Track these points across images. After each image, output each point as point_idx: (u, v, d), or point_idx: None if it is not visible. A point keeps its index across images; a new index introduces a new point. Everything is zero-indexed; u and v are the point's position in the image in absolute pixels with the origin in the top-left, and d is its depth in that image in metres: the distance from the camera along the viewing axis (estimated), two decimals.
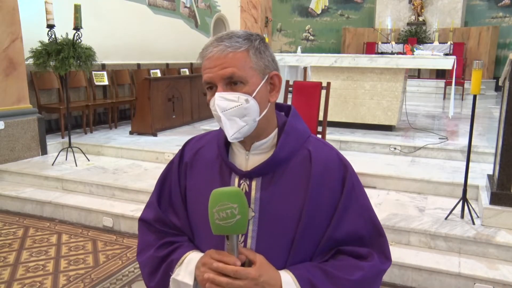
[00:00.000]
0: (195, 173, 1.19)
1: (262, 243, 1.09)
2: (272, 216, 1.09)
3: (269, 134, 1.12)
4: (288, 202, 1.08)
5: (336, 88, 5.96)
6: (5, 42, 4.92)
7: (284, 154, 1.10)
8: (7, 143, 4.99)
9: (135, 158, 5.31)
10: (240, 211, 0.97)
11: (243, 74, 1.02)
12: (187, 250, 1.14)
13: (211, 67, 1.02)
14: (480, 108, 8.46)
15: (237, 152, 1.15)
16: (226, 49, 1.01)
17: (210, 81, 1.04)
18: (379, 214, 3.48)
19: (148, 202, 1.27)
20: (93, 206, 4.07)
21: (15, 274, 3.10)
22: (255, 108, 1.04)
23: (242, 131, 1.05)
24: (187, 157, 1.22)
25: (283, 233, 1.08)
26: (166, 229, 1.20)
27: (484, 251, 3.08)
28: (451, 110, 5.81)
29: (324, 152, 1.13)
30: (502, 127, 3.33)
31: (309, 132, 1.17)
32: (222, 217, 0.97)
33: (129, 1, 7.96)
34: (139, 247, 1.24)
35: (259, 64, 1.05)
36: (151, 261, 1.18)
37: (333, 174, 1.11)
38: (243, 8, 12.08)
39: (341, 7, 14.00)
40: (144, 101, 6.10)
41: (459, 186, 3.70)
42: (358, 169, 4.34)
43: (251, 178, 1.11)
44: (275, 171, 1.10)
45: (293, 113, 1.16)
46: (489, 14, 12.29)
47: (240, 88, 1.03)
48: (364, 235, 1.11)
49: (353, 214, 1.11)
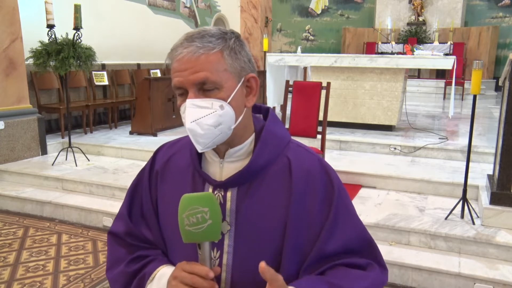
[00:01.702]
0: (167, 182, 1.11)
1: (239, 259, 1.01)
2: (250, 229, 1.00)
3: (245, 140, 1.03)
4: (268, 214, 1.00)
5: (336, 88, 5.96)
6: (5, 42, 4.92)
7: (261, 162, 1.01)
8: (7, 143, 4.99)
9: (135, 158, 5.31)
10: (212, 216, 0.91)
11: (217, 79, 0.93)
12: (159, 265, 1.06)
13: (181, 70, 0.93)
14: (480, 108, 8.46)
15: (210, 160, 1.06)
16: (197, 50, 0.92)
17: (180, 86, 0.94)
18: (379, 214, 3.49)
19: (118, 214, 1.18)
20: (93, 206, 4.07)
21: (15, 274, 3.10)
22: (230, 115, 0.95)
23: (216, 141, 0.96)
24: (158, 165, 1.13)
25: (264, 247, 1.00)
26: (137, 242, 1.12)
27: (484, 251, 3.08)
28: (451, 110, 5.81)
29: (305, 159, 1.05)
30: (502, 127, 3.33)
31: (288, 137, 1.08)
32: (192, 223, 0.90)
33: (129, 1, 7.96)
34: (109, 262, 1.15)
35: (235, 66, 0.95)
36: (122, 276, 1.09)
37: (316, 182, 1.02)
38: (243, 8, 12.08)
39: (341, 7, 13.99)
40: (144, 101, 6.09)
41: (459, 186, 3.70)
42: (358, 169, 4.39)
43: (226, 188, 1.02)
44: (252, 181, 1.01)
45: (271, 117, 1.08)
46: (489, 14, 12.29)
47: (214, 93, 0.93)
48: (356, 246, 1.04)
49: (344, 224, 1.03)
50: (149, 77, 6.37)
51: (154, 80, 6.17)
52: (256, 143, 1.03)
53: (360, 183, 4.32)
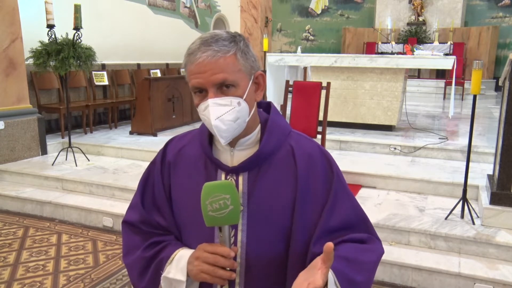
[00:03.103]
0: (180, 171, 1.20)
1: (252, 236, 1.12)
2: (261, 208, 1.11)
3: (253, 131, 1.15)
4: (276, 195, 1.12)
5: (336, 88, 5.96)
6: (5, 42, 4.93)
7: (269, 148, 1.13)
8: (7, 143, 4.99)
9: (135, 158, 5.31)
10: (233, 202, 1.01)
11: (234, 79, 1.04)
12: (176, 248, 1.15)
13: (201, 72, 1.02)
14: (480, 108, 8.46)
15: (222, 149, 1.17)
16: (216, 54, 1.01)
17: (200, 86, 1.04)
18: (379, 214, 3.49)
19: (131, 204, 1.27)
20: (93, 206, 4.07)
21: (15, 274, 3.10)
22: (246, 110, 1.07)
23: (235, 133, 1.08)
24: (169, 156, 1.22)
25: (274, 225, 1.11)
26: (151, 229, 1.20)
27: (484, 251, 3.08)
28: (451, 110, 5.81)
29: (306, 145, 1.17)
30: (502, 127, 3.33)
31: (289, 128, 1.21)
32: (215, 208, 1.00)
33: (129, 1, 7.96)
34: (125, 249, 1.24)
35: (246, 66, 1.07)
36: (139, 261, 1.17)
37: (318, 165, 1.15)
38: (243, 8, 12.07)
39: (341, 7, 13.99)
40: (144, 101, 6.10)
41: (459, 186, 3.70)
42: (358, 169, 4.39)
43: (238, 173, 1.13)
44: (261, 166, 1.13)
45: (274, 110, 1.20)
46: (489, 14, 12.29)
47: (232, 92, 1.04)
48: (353, 221, 1.16)
49: (343, 202, 1.15)
50: (149, 77, 6.37)
51: (154, 80, 6.17)
52: (263, 132, 1.15)
53: (360, 183, 4.32)
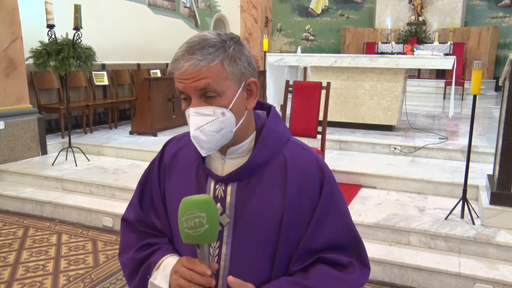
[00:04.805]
0: (173, 175, 1.17)
1: (237, 249, 1.07)
2: (247, 222, 1.06)
3: (247, 138, 1.08)
4: (264, 209, 1.05)
5: (336, 88, 5.96)
6: (5, 42, 4.93)
7: (260, 159, 1.06)
8: (7, 143, 4.99)
9: (135, 158, 5.31)
10: (209, 220, 0.95)
11: (218, 87, 0.96)
12: (165, 254, 1.13)
13: (184, 79, 0.97)
14: (480, 108, 8.46)
15: (214, 156, 1.11)
16: (199, 63, 0.95)
17: (183, 91, 0.99)
18: (379, 214, 3.49)
19: (130, 202, 1.27)
20: (93, 206, 4.07)
21: (15, 274, 3.10)
22: (231, 121, 1.00)
23: (218, 144, 1.01)
24: (166, 158, 1.20)
25: (260, 240, 1.06)
26: (147, 230, 1.20)
27: (484, 251, 3.08)
28: (451, 110, 5.81)
29: (302, 158, 1.09)
30: (502, 127, 3.33)
31: (288, 135, 1.13)
32: (190, 226, 0.95)
33: (129, 1, 7.96)
34: (121, 246, 1.24)
35: (235, 73, 0.99)
36: (131, 263, 1.18)
37: (311, 180, 1.07)
38: (243, 8, 12.07)
39: (341, 7, 13.99)
40: (144, 101, 6.10)
41: (459, 186, 3.70)
42: (358, 169, 4.39)
43: (227, 183, 1.08)
44: (251, 177, 1.07)
45: (272, 115, 1.11)
46: (489, 14, 12.29)
47: (216, 101, 0.98)
48: (343, 242, 1.09)
49: (331, 221, 1.08)
50: (149, 77, 6.38)
51: (154, 80, 6.17)
52: (257, 140, 1.07)
53: (360, 183, 4.32)
